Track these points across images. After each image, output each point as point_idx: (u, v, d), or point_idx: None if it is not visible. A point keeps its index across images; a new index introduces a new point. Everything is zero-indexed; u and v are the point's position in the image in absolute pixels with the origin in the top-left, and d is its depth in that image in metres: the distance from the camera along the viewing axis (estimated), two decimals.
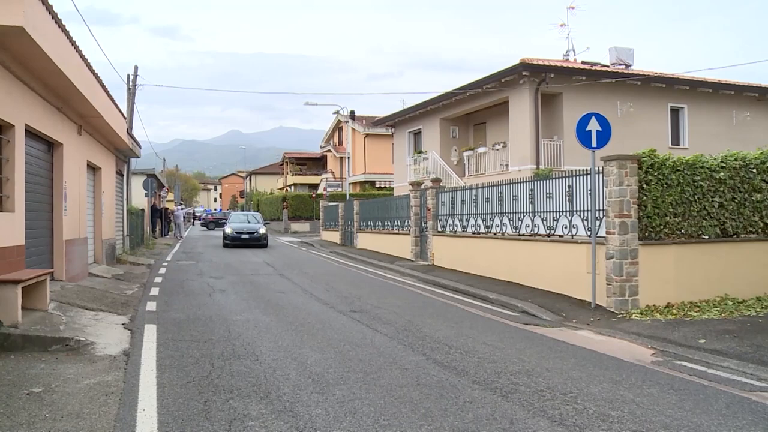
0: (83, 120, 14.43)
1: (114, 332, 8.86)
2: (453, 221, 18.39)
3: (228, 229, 28.63)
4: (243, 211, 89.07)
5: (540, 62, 21.66)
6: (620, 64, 24.77)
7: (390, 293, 13.75)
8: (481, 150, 25.74)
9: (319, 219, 43.97)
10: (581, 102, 21.57)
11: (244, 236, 28.45)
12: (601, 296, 11.07)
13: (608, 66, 24.56)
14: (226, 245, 28.29)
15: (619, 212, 10.77)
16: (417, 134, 31.21)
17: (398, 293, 13.88)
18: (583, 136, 11.36)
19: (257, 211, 69.78)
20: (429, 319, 10.32)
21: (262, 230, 28.94)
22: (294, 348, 7.97)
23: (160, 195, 45.58)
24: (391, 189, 40.90)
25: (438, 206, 19.68)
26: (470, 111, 26.69)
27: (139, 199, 31.84)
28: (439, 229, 19.47)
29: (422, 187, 22.10)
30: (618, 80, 22.30)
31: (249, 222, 30.53)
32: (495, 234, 15.65)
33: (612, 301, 10.81)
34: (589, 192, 11.74)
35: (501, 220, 15.37)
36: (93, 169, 17.08)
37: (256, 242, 28.43)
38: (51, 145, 12.47)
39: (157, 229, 37.96)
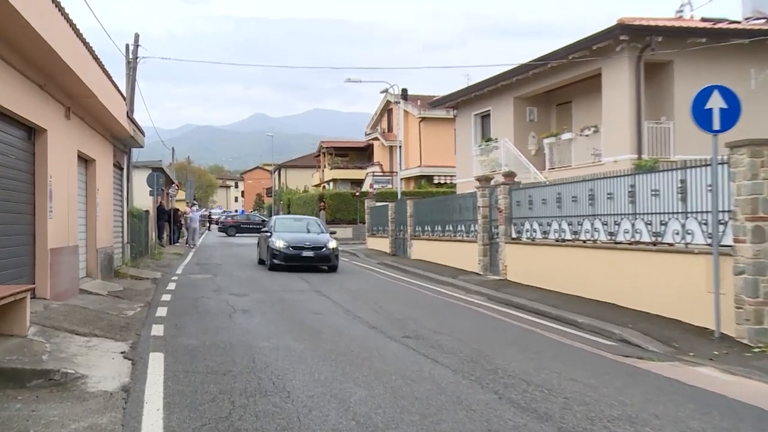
0: (72, 101, 14.59)
1: (111, 363, 8.91)
2: (531, 225, 18.31)
3: (278, 242, 23.22)
4: (275, 214, 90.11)
5: (643, 23, 21.22)
6: (758, 18, 23.18)
7: (452, 315, 13.80)
8: (566, 136, 25.44)
9: (363, 223, 44.12)
10: (699, 72, 21.00)
11: (306, 253, 23.04)
12: (728, 323, 10.74)
13: (739, 22, 23.27)
14: (275, 267, 23.08)
15: (753, 214, 10.44)
16: (485, 117, 31.04)
17: (463, 315, 13.85)
18: (701, 117, 11.01)
19: (287, 213, 70.43)
20: (502, 348, 10.25)
21: (332, 243, 23.58)
22: (334, 382, 7.94)
23: (168, 193, 46.55)
24: (453, 186, 40.75)
25: (512, 207, 19.59)
26: (552, 87, 26.42)
27: (143, 199, 32.49)
28: (514, 236, 19.36)
29: (492, 183, 21.95)
30: (754, 40, 21.43)
31: (309, 231, 25.22)
32: (584, 241, 15.44)
33: (744, 329, 10.43)
34: (709, 188, 11.41)
35: (592, 224, 15.17)
36: (85, 161, 17.33)
37: (324, 261, 23.20)
38: (32, 132, 12.65)
39: (165, 235, 38.75)
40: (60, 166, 13.70)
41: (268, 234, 24.56)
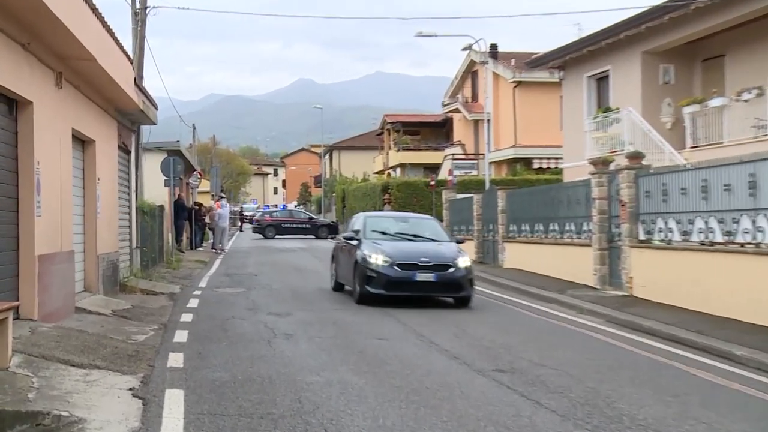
0: (64, 64, 14.70)
1: (116, 403, 9.00)
2: (665, 223, 18.11)
3: (375, 257, 19.12)
4: (325, 209, 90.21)
5: None
6: None
7: (559, 342, 13.77)
8: (715, 103, 24.97)
9: (442, 220, 44.03)
10: None
11: (422, 275, 18.75)
12: None
13: None
14: (370, 297, 19.00)
15: None
16: (602, 80, 30.73)
17: (573, 342, 13.82)
18: None
19: (342, 208, 70.89)
20: (627, 388, 10.14)
21: (464, 260, 19.42)
22: (404, 430, 7.96)
23: (188, 184, 47.14)
24: (558, 171, 40.49)
25: (639, 199, 19.43)
26: (697, 36, 25.95)
27: (157, 191, 32.97)
28: (642, 237, 19.17)
29: (612, 167, 21.66)
30: None
31: (421, 238, 21.12)
32: (743, 245, 15.18)
33: None
34: None
35: (754, 222, 14.84)
36: (82, 142, 17.46)
37: (451, 290, 19.18)
38: (13, 105, 12.71)
39: (184, 237, 39.33)
40: (50, 149, 13.78)
41: (355, 242, 20.47)
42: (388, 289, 18.79)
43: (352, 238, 20.89)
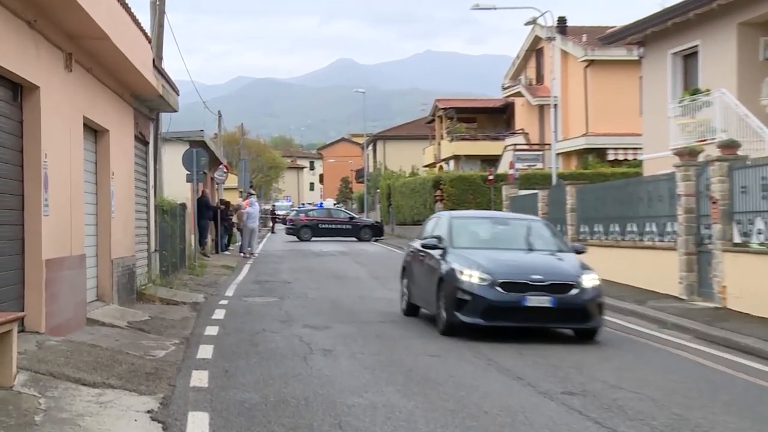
0: (75, 44, 14.80)
1: (133, 427, 9.05)
2: (766, 224, 17.99)
3: (469, 273, 16.28)
4: (368, 206, 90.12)
5: None
6: None
7: (639, 361, 13.70)
8: None
9: None
10: None
11: (533, 299, 15.88)
12: None
13: None
14: (462, 327, 16.14)
15: None
16: (689, 57, 30.41)
17: (655, 361, 13.75)
18: None
19: (388, 205, 70.61)
20: (721, 416, 10.06)
21: (589, 279, 16.60)
22: None
23: (213, 179, 47.31)
24: (638, 164, 40.14)
25: (734, 195, 19.29)
26: None
27: (178, 186, 33.12)
28: (738, 240, 19.05)
29: (701, 158, 21.47)
30: None
31: (531, 248, 18.43)
32: None
33: None
34: None
35: None
36: (94, 132, 17.61)
37: (574, 319, 16.25)
38: (17, 90, 12.76)
39: (209, 239, 39.59)
40: (58, 140, 13.84)
41: (437, 252, 17.79)
42: (488, 317, 15.70)
43: (433, 246, 17.74)
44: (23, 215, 12.83)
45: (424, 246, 18.20)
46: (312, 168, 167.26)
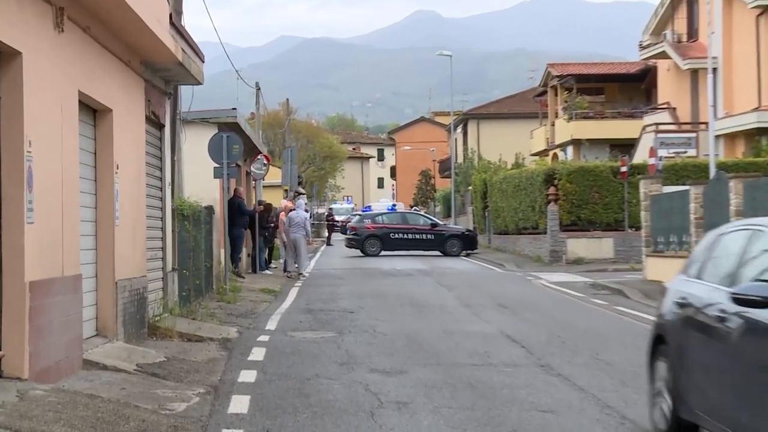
0: None
1: None
2: None
3: None
4: (456, 210, 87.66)
5: None
6: None
7: None
8: None
9: (636, 228, 42.87)
10: None
11: None
12: None
13: None
14: None
15: None
16: None
17: None
18: None
19: (483, 208, 66.66)
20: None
21: None
22: None
23: (249, 173, 45.48)
24: None
25: None
26: None
27: (203, 182, 32.00)
28: None
29: None
30: None
31: None
32: None
33: None
34: None
35: None
36: (93, 112, 17.14)
37: None
38: None
39: (243, 253, 38.73)
40: (46, 123, 13.45)
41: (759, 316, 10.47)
42: None
43: (748, 301, 9.16)
44: (0, 223, 12.37)
45: (742, 299, 9.39)
46: (381, 158, 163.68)
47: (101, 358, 15.31)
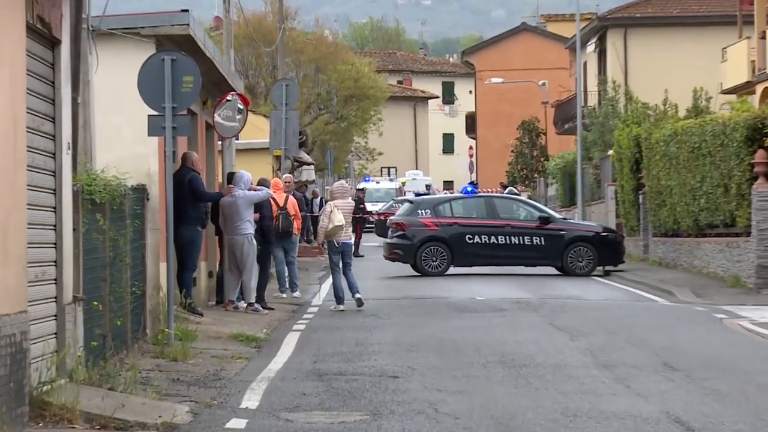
0: None
1: None
2: None
3: None
4: (582, 190, 64.06)
5: None
6: None
7: None
8: None
9: None
10: None
11: None
12: None
13: None
14: None
15: None
16: None
17: None
18: None
19: (635, 188, 49.15)
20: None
21: None
22: None
23: (214, 126, 34.14)
24: None
25: None
26: None
27: (127, 142, 24.39)
28: None
29: None
30: None
31: None
32: None
33: None
34: None
35: None
36: None
37: None
38: None
39: (202, 270, 29.39)
40: None
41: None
42: None
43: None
44: None
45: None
46: (449, 99, 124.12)
47: None
